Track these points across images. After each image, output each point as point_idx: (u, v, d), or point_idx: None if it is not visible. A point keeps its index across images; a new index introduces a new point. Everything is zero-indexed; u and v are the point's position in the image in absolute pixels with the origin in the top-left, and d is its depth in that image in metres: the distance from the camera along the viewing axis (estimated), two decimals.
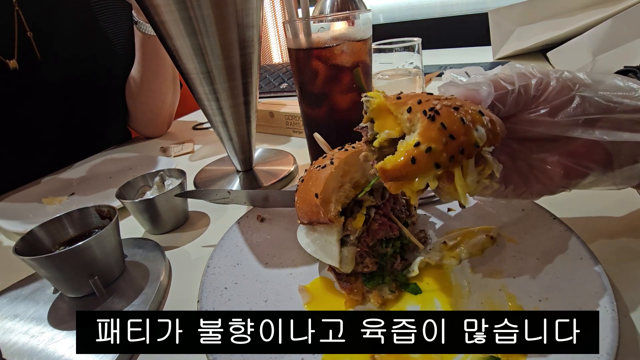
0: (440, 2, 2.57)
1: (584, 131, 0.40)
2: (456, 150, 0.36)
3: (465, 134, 0.36)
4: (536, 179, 0.45)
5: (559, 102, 0.41)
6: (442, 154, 0.36)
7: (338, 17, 0.72)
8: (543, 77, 0.42)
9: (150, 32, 1.10)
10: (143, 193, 0.73)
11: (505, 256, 0.52)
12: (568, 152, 0.43)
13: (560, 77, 0.41)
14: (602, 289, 0.41)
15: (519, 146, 0.46)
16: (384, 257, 0.53)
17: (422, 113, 0.38)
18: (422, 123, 0.37)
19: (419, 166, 0.36)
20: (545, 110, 0.41)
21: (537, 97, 0.42)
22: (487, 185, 0.41)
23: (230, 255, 0.58)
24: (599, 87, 0.41)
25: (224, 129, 0.80)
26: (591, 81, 0.41)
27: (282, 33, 3.56)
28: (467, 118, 0.37)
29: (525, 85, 0.41)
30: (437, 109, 0.37)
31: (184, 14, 0.64)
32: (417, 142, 0.36)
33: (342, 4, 1.16)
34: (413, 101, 0.40)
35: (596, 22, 1.20)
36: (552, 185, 0.45)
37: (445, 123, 0.36)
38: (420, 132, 0.37)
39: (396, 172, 0.37)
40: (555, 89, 0.41)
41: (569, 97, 0.40)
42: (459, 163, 0.37)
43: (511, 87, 0.41)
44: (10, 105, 1.02)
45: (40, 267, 0.52)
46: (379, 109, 0.42)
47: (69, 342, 0.48)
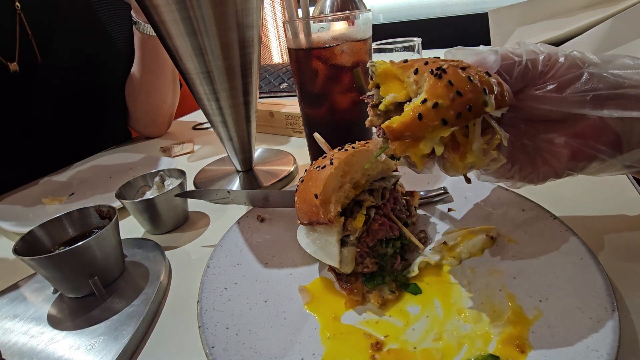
0: (440, 2, 2.57)
1: (592, 108, 0.39)
2: (464, 107, 0.36)
3: (472, 91, 0.36)
4: (543, 160, 0.44)
5: (567, 78, 0.40)
6: (449, 110, 0.36)
7: (338, 17, 0.72)
8: (551, 53, 0.41)
9: (149, 32, 1.10)
10: (143, 193, 0.73)
11: (505, 256, 0.52)
12: (575, 132, 0.42)
13: (569, 55, 0.41)
14: (603, 289, 0.41)
15: (526, 126, 0.45)
16: (384, 257, 0.53)
17: (428, 72, 0.38)
18: (429, 81, 0.37)
19: (426, 122, 0.36)
20: (553, 85, 0.40)
21: (545, 73, 0.41)
22: (495, 158, 0.40)
23: (230, 256, 0.58)
24: (608, 66, 0.40)
25: (224, 129, 0.80)
26: (600, 61, 0.40)
27: (282, 33, 3.56)
28: (474, 77, 0.37)
29: (532, 60, 0.41)
30: (444, 68, 0.37)
31: (184, 14, 0.64)
32: (424, 99, 0.36)
33: (342, 4, 1.16)
34: (419, 63, 0.40)
35: (596, 22, 1.20)
36: (559, 167, 0.44)
37: (453, 80, 0.36)
38: (427, 89, 0.37)
39: (402, 129, 0.37)
40: (564, 65, 0.40)
41: (578, 73, 0.40)
42: (466, 121, 0.37)
43: (518, 59, 0.41)
44: (11, 106, 1.02)
45: (40, 267, 0.52)
46: (384, 74, 0.42)
47: (69, 343, 0.48)
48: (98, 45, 1.18)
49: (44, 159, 1.12)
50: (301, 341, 0.44)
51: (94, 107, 1.21)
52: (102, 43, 1.19)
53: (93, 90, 1.19)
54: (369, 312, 0.47)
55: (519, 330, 0.41)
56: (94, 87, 1.19)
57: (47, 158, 1.13)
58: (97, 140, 1.28)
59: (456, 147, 0.38)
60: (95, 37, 1.17)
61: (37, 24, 1.03)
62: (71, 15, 1.12)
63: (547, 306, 0.43)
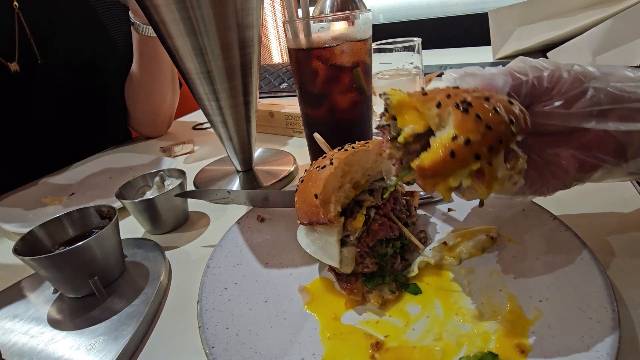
0: (440, 2, 2.57)
1: (597, 122, 0.40)
2: (495, 140, 0.36)
3: (501, 122, 0.36)
4: (552, 174, 0.45)
5: (573, 94, 0.41)
6: (481, 145, 0.35)
7: (338, 17, 0.72)
8: (555, 69, 0.42)
9: (147, 33, 1.10)
10: (143, 193, 0.73)
11: (505, 256, 0.52)
12: (581, 145, 0.43)
13: (572, 70, 0.42)
14: (602, 289, 0.41)
15: (532, 141, 0.45)
16: (384, 257, 0.53)
17: (453, 106, 0.37)
18: (455, 116, 0.37)
19: (459, 159, 0.36)
20: (560, 102, 0.41)
21: (550, 89, 0.42)
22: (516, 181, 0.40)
23: (230, 256, 0.58)
24: (609, 78, 0.41)
25: (224, 129, 0.80)
26: (600, 74, 0.41)
27: (282, 33, 3.56)
28: (500, 108, 0.37)
29: (538, 77, 0.42)
30: (468, 101, 0.37)
31: (184, 14, 0.64)
32: (454, 135, 0.36)
33: (342, 4, 1.16)
34: (441, 96, 0.39)
35: (596, 22, 1.20)
36: (567, 179, 0.45)
37: (480, 114, 0.36)
38: (455, 125, 0.36)
39: (436, 168, 0.36)
40: (568, 80, 0.41)
41: (582, 88, 0.41)
42: (497, 153, 0.36)
43: (525, 78, 0.42)
44: (11, 106, 1.02)
45: (40, 267, 0.52)
46: (400, 105, 0.42)
47: (69, 343, 0.48)
48: (98, 45, 1.18)
49: (44, 159, 1.12)
50: (301, 341, 0.44)
51: (94, 107, 1.21)
52: (102, 43, 1.19)
53: (93, 91, 1.19)
54: (369, 312, 0.47)
55: (519, 331, 0.41)
56: (94, 87, 1.19)
57: (47, 158, 1.13)
58: (97, 140, 1.28)
59: (480, 176, 0.38)
60: (95, 37, 1.17)
61: (36, 24, 1.03)
62: (70, 15, 1.12)
63: (547, 306, 0.43)
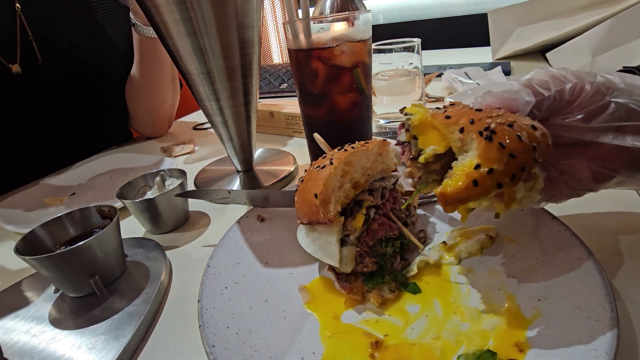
0: (440, 3, 2.57)
1: (615, 137, 0.40)
2: (517, 169, 0.36)
3: (524, 151, 0.36)
4: (566, 184, 0.45)
5: (594, 108, 0.41)
6: (504, 174, 0.36)
7: (338, 18, 0.72)
8: (577, 81, 0.41)
9: (148, 34, 1.10)
10: (144, 193, 0.73)
11: (504, 256, 0.52)
12: (596, 156, 0.43)
13: (595, 82, 0.41)
14: (601, 289, 0.41)
15: None
16: (384, 256, 0.53)
17: (477, 134, 0.37)
18: (479, 144, 0.37)
19: (482, 188, 0.36)
20: (580, 116, 0.41)
21: (571, 102, 0.41)
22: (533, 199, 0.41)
23: (230, 255, 0.58)
24: (634, 90, 0.41)
25: (224, 129, 0.80)
26: (624, 85, 0.41)
27: (282, 33, 3.56)
28: (523, 135, 0.37)
29: (560, 91, 0.41)
30: (492, 129, 0.37)
31: (185, 15, 0.65)
32: (477, 164, 0.36)
33: (342, 5, 1.16)
34: (464, 120, 0.39)
35: (596, 22, 1.20)
36: (581, 188, 0.45)
37: (503, 142, 0.36)
38: (479, 154, 0.37)
39: (458, 196, 0.37)
40: (590, 93, 0.41)
41: (604, 103, 0.40)
42: (518, 181, 0.37)
43: (547, 93, 0.41)
44: (13, 108, 1.03)
45: (41, 267, 0.52)
46: (421, 124, 0.42)
47: (70, 342, 0.49)
48: (98, 46, 1.18)
49: (46, 160, 1.12)
50: (301, 340, 0.44)
51: (94, 108, 1.22)
52: (103, 44, 1.19)
53: (94, 91, 1.20)
54: (368, 312, 0.48)
55: (518, 329, 0.41)
56: (95, 88, 1.19)
57: (48, 158, 1.13)
58: (98, 140, 1.28)
59: (499, 196, 0.38)
60: (96, 38, 1.18)
61: (37, 25, 1.03)
62: (71, 16, 1.12)
63: (546, 305, 0.43)
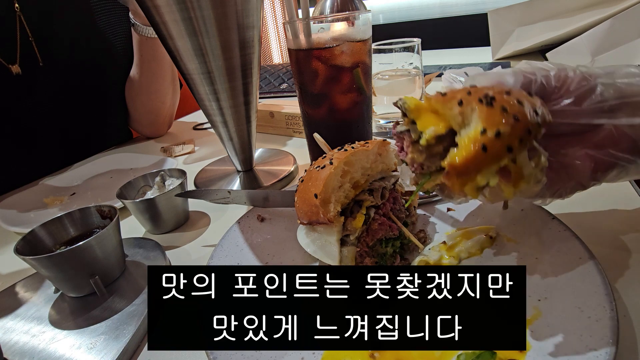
0: (440, 3, 2.58)
1: (609, 118, 0.40)
2: (524, 131, 0.35)
3: (527, 114, 0.36)
4: (568, 175, 0.45)
5: (583, 91, 0.41)
6: (512, 136, 0.35)
7: (338, 18, 0.72)
8: (560, 69, 0.42)
9: (148, 34, 1.10)
10: (144, 193, 0.73)
11: (504, 255, 0.52)
12: (594, 143, 0.43)
13: (577, 69, 0.42)
14: (601, 289, 0.41)
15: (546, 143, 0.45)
16: (384, 256, 0.53)
17: (477, 101, 0.37)
18: (480, 110, 0.36)
19: (491, 153, 0.35)
20: (570, 100, 0.41)
21: (559, 89, 0.42)
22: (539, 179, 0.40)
23: (230, 255, 0.58)
24: (614, 76, 0.41)
25: (224, 129, 0.80)
26: (605, 72, 0.42)
27: (282, 33, 3.56)
28: (522, 100, 0.36)
29: (545, 77, 0.42)
30: (491, 95, 0.37)
31: (185, 15, 0.65)
32: (484, 129, 0.35)
33: (342, 5, 1.16)
34: (462, 94, 0.39)
35: (595, 22, 1.20)
36: (584, 179, 0.45)
37: (505, 106, 0.36)
38: (483, 119, 0.36)
39: (468, 164, 0.36)
40: (575, 79, 0.41)
41: (591, 85, 0.41)
42: (527, 145, 0.36)
43: (534, 77, 0.42)
44: (13, 108, 1.03)
45: (41, 267, 0.52)
46: (417, 109, 0.41)
47: (70, 342, 0.49)
48: (98, 46, 1.18)
49: (45, 160, 1.12)
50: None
51: (94, 108, 1.22)
52: (102, 44, 1.19)
53: (94, 92, 1.20)
54: None
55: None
56: (95, 88, 1.19)
57: (48, 159, 1.13)
58: (98, 140, 1.28)
59: (506, 175, 0.37)
60: (95, 38, 1.18)
61: (37, 26, 1.03)
62: (71, 17, 1.12)
63: (546, 305, 0.43)
